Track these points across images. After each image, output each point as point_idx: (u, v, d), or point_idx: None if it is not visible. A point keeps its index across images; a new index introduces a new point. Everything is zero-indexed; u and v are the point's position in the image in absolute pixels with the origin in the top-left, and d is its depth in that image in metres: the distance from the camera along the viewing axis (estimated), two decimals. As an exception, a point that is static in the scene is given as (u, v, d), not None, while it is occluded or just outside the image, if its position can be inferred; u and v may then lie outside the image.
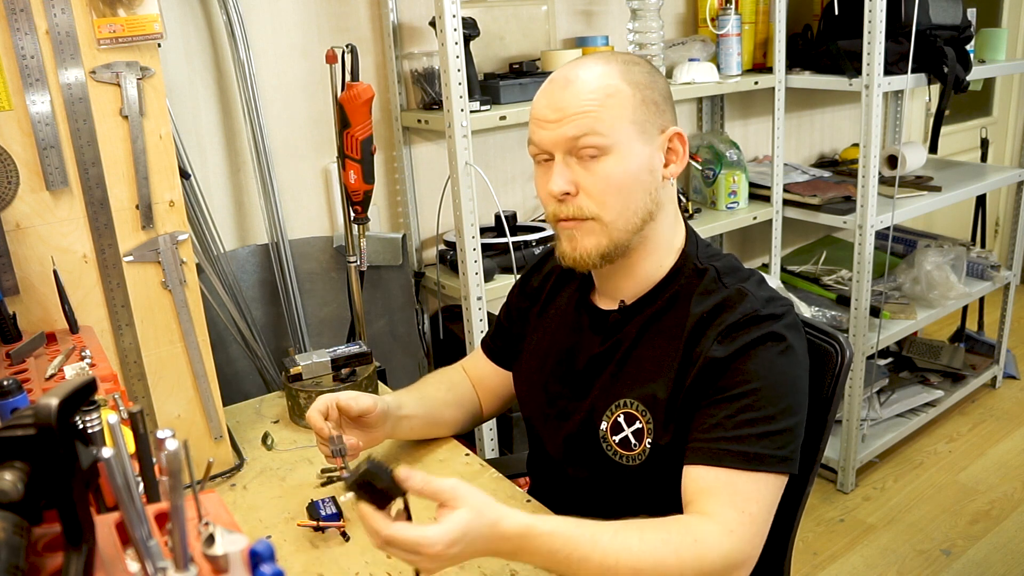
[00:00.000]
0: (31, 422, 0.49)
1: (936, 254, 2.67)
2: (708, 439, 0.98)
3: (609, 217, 1.03)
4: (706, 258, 1.10)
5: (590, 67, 1.04)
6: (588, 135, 1.00)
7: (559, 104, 1.02)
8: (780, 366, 1.00)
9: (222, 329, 1.77)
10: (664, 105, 1.06)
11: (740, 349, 0.99)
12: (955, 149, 3.61)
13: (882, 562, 2.21)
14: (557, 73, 1.06)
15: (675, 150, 1.07)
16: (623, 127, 1.01)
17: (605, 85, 1.02)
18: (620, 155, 1.02)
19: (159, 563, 0.51)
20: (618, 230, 1.04)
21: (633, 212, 1.04)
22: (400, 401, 1.25)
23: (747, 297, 1.03)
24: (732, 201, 2.45)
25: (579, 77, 1.02)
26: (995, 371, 3.08)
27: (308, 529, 1.11)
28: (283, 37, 1.83)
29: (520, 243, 1.94)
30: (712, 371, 1.00)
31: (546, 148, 1.04)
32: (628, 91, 1.02)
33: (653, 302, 1.09)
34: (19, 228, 1.12)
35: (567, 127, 1.01)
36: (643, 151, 1.03)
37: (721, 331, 1.01)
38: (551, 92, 1.04)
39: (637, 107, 1.02)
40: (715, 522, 0.94)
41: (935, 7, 2.23)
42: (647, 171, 1.04)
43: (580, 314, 1.18)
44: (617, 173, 1.02)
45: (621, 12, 2.28)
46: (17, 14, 1.06)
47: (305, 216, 1.94)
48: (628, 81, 1.03)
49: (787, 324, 1.02)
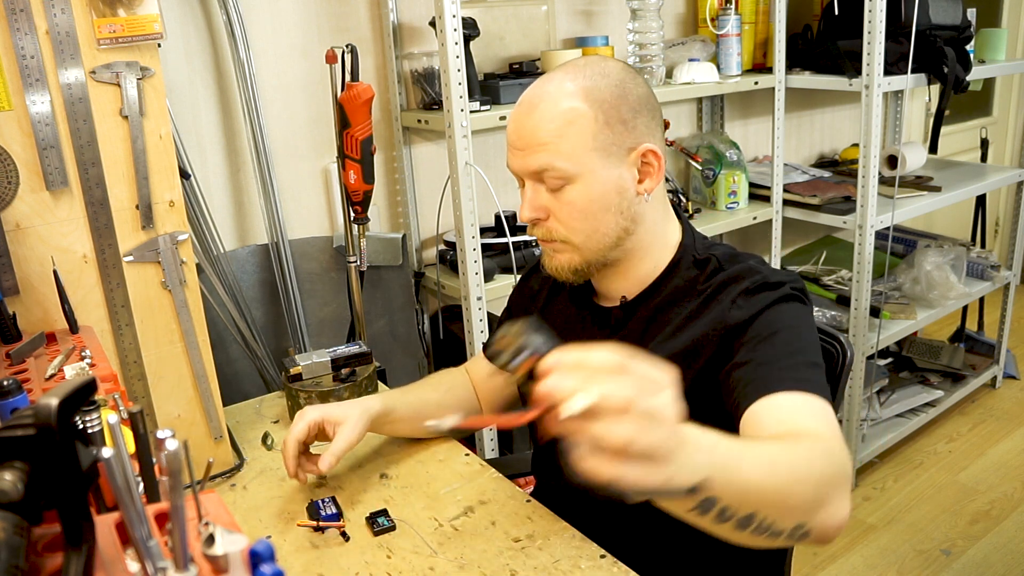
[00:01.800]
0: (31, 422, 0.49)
1: (936, 254, 2.67)
2: (757, 376, 0.95)
3: (578, 240, 1.05)
4: (704, 249, 1.11)
5: (555, 87, 1.02)
6: (548, 169, 1.02)
7: (522, 132, 1.04)
8: (800, 315, 1.02)
9: (222, 329, 1.77)
10: (634, 120, 1.03)
11: (759, 310, 1.00)
12: (955, 149, 3.61)
13: (882, 562, 2.21)
14: (527, 92, 1.06)
15: (650, 164, 1.05)
16: (584, 154, 1.01)
17: (566, 110, 1.01)
18: (584, 182, 1.02)
19: (159, 563, 0.51)
20: (590, 251, 1.06)
21: (603, 234, 1.05)
22: (392, 406, 1.25)
23: (752, 269, 1.05)
24: (732, 201, 2.45)
25: (542, 101, 1.02)
26: (995, 371, 3.08)
27: (308, 529, 1.11)
28: (283, 37, 1.83)
29: (520, 243, 1.94)
30: (734, 333, 1.01)
31: (516, 173, 1.07)
32: (590, 115, 1.01)
33: (655, 294, 1.10)
34: (19, 228, 1.12)
35: (530, 159, 1.03)
36: (610, 175, 1.03)
37: (735, 298, 1.02)
38: (518, 116, 1.05)
39: (600, 131, 1.01)
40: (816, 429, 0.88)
41: (935, 7, 2.23)
42: (615, 192, 1.04)
43: (582, 313, 1.18)
44: (582, 200, 1.03)
45: (621, 12, 2.28)
46: (17, 14, 1.06)
47: (305, 216, 1.94)
48: (591, 101, 1.01)
49: (797, 287, 1.04)
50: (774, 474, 0.72)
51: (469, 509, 1.16)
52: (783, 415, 0.90)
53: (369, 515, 1.14)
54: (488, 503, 1.18)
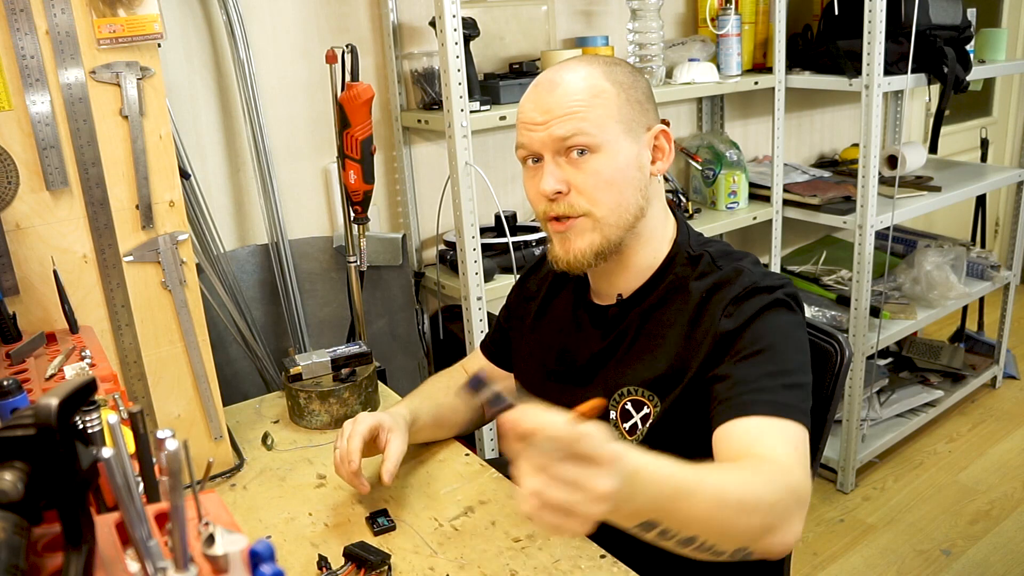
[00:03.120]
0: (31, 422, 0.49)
1: (936, 254, 2.67)
2: (735, 395, 0.97)
3: (601, 212, 1.04)
4: (698, 245, 1.12)
5: (574, 69, 1.05)
6: (577, 135, 1.02)
7: (546, 106, 1.03)
8: (788, 327, 1.02)
9: (222, 329, 1.77)
10: (647, 104, 1.08)
11: (748, 319, 1.01)
12: (955, 149, 3.61)
13: (882, 562, 2.21)
14: (541, 77, 1.07)
15: (661, 147, 1.09)
16: (610, 125, 1.03)
17: (591, 85, 1.03)
18: (609, 152, 1.03)
19: (159, 563, 0.51)
20: (610, 226, 1.05)
21: (625, 208, 1.05)
22: (416, 414, 1.26)
23: (744, 272, 1.05)
24: (732, 201, 2.45)
25: (564, 79, 1.04)
26: (995, 371, 3.08)
27: (308, 529, 1.11)
28: (283, 37, 1.83)
29: (520, 243, 1.94)
30: (724, 343, 1.01)
31: (535, 150, 1.06)
32: (613, 90, 1.04)
33: (650, 292, 1.11)
34: (19, 228, 1.12)
35: (555, 127, 1.03)
36: (631, 148, 1.05)
37: (725, 305, 1.02)
38: (537, 95, 1.06)
39: (622, 106, 1.04)
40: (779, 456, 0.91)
41: (935, 7, 2.23)
42: (635, 167, 1.06)
43: (579, 313, 1.19)
44: (607, 170, 1.03)
45: (621, 12, 2.28)
46: (17, 14, 1.06)
47: (305, 216, 1.94)
48: (612, 81, 1.05)
49: (788, 292, 1.04)
50: (722, 507, 0.79)
51: (469, 509, 1.17)
52: (750, 439, 0.93)
53: (369, 515, 1.14)
54: (488, 503, 1.18)
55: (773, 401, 0.95)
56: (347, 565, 1.02)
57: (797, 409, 0.96)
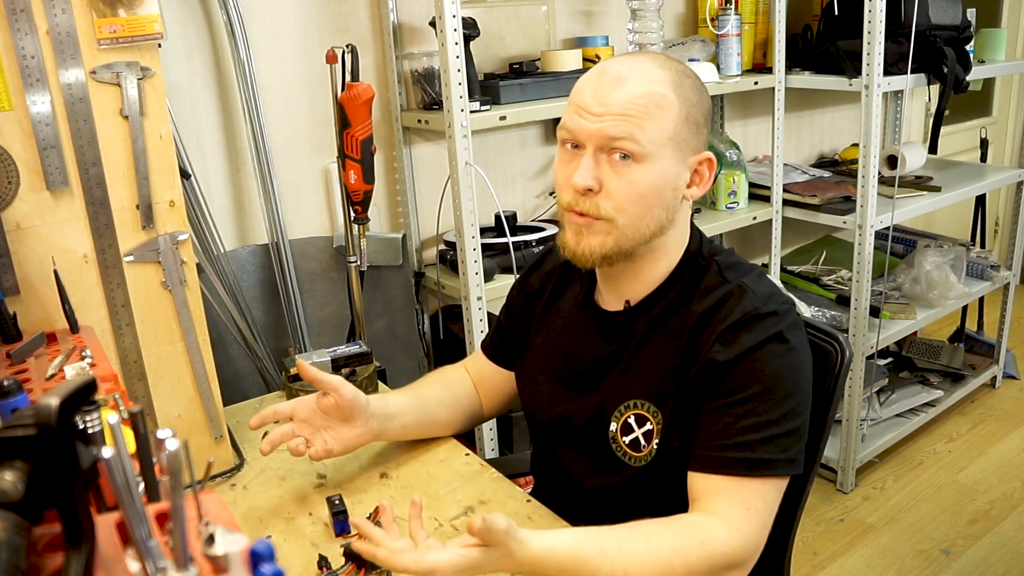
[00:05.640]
0: (31, 422, 0.49)
1: (936, 254, 2.67)
2: (712, 446, 0.98)
3: (623, 222, 1.02)
4: (708, 253, 1.10)
5: (645, 68, 1.01)
6: (627, 139, 0.98)
7: (606, 99, 0.99)
8: (782, 368, 1.00)
9: (222, 329, 1.77)
10: (703, 127, 1.05)
11: (742, 353, 0.99)
12: (955, 149, 3.61)
13: (882, 562, 2.22)
14: (610, 64, 1.02)
15: (701, 173, 1.06)
16: (662, 140, 1.00)
17: (657, 92, 0.99)
18: (651, 166, 1.00)
19: (159, 563, 0.51)
20: (627, 237, 1.03)
21: (647, 224, 1.03)
22: (387, 399, 1.25)
23: (747, 294, 1.02)
24: (732, 201, 2.45)
25: (632, 77, 0.99)
26: (995, 371, 3.08)
27: (308, 529, 1.11)
28: (283, 37, 1.83)
29: (520, 243, 1.94)
30: (714, 373, 1.00)
31: (580, 138, 1.01)
32: (677, 104, 1.00)
33: (659, 301, 1.09)
34: (19, 228, 1.12)
35: (608, 124, 0.98)
36: (673, 168, 1.02)
37: (722, 331, 1.00)
38: (600, 84, 1.00)
39: (680, 124, 1.01)
40: (721, 520, 0.95)
41: (935, 7, 2.23)
42: (671, 188, 1.03)
43: (585, 315, 1.17)
44: (644, 183, 1.00)
45: (621, 12, 2.28)
46: (17, 14, 1.06)
47: (305, 216, 1.94)
48: (678, 94, 1.00)
49: (788, 324, 1.02)
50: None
51: (469, 509, 1.17)
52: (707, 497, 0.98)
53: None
54: (488, 503, 1.18)
55: (748, 459, 0.96)
56: (347, 565, 1.02)
57: (776, 462, 0.97)
